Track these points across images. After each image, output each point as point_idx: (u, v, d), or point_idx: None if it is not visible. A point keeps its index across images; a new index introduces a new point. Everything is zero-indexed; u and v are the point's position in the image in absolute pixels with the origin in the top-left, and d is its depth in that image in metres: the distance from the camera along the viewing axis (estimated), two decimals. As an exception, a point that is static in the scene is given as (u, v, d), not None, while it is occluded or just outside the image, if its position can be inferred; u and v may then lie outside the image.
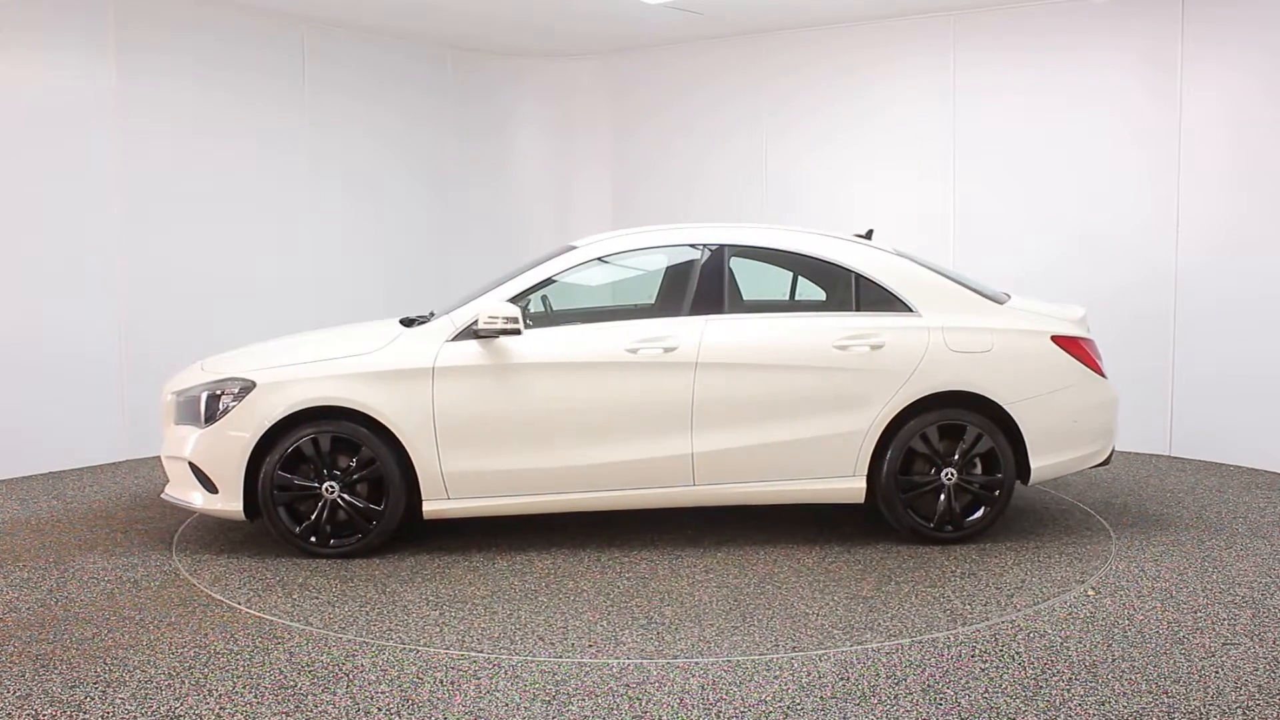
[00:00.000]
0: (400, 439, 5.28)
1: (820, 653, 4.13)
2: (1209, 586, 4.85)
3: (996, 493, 5.46)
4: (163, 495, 5.65)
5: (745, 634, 4.34)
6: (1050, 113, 7.80)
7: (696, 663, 4.05)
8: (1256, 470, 7.07)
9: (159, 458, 7.55)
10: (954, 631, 4.34)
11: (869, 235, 6.05)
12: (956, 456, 5.41)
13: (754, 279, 5.91)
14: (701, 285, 5.55)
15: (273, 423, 5.26)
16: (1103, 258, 7.64)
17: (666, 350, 5.35)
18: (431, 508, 5.38)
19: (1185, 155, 7.31)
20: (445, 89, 9.68)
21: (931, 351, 5.41)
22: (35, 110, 7.08)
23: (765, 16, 8.46)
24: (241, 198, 8.19)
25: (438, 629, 4.42)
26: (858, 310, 5.57)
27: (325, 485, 5.31)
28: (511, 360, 5.34)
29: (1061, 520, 5.94)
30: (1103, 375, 5.62)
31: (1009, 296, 5.87)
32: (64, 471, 7.26)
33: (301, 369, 5.35)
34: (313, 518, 5.32)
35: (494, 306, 5.31)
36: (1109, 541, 5.55)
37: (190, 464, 5.40)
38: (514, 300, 5.43)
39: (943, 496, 5.44)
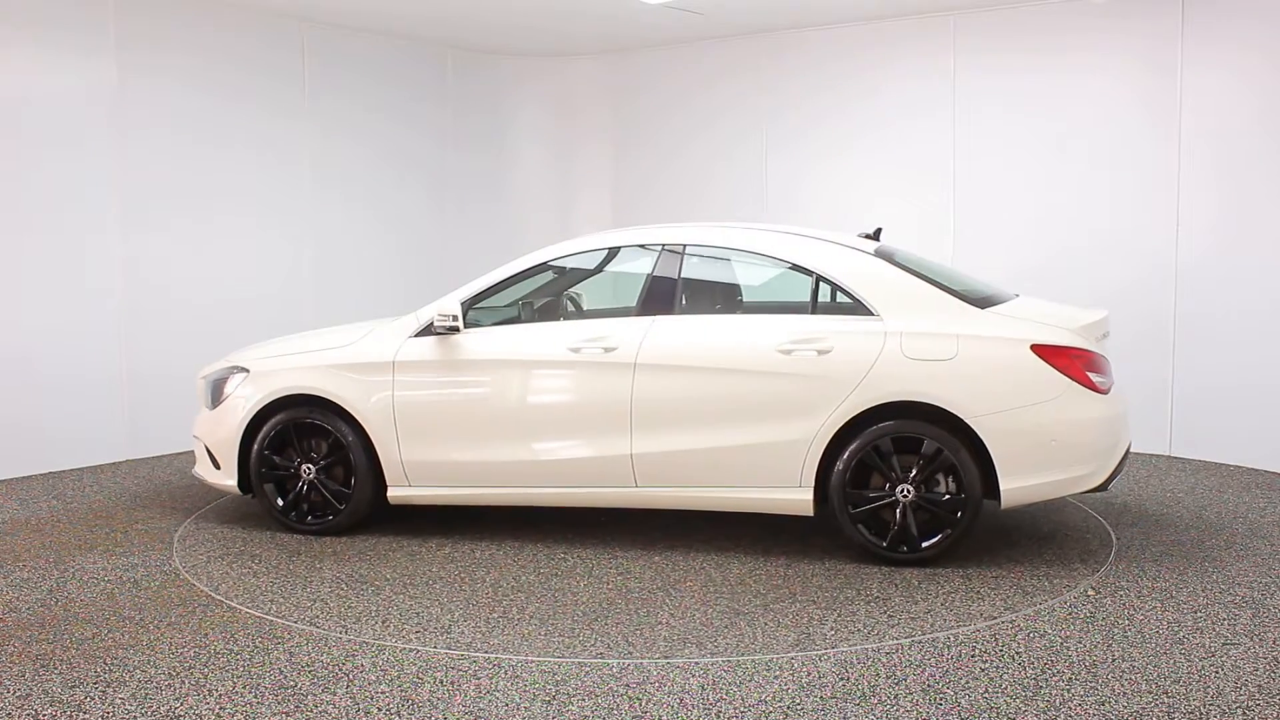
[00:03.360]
0: (365, 427, 5.60)
1: (820, 653, 4.14)
2: (1209, 586, 4.85)
3: (959, 514, 5.03)
4: (191, 472, 6.20)
5: (561, 635, 4.34)
6: (1050, 112, 7.79)
7: (696, 663, 4.05)
8: (1256, 470, 7.07)
9: (160, 457, 7.66)
10: (954, 631, 4.34)
11: (877, 235, 5.97)
12: (914, 472, 5.03)
13: (737, 280, 5.85)
14: (654, 286, 5.50)
15: (258, 408, 5.70)
16: (1103, 257, 7.64)
17: (606, 350, 5.34)
18: (395, 494, 5.68)
19: (1185, 156, 7.30)
20: (445, 89, 9.68)
21: (885, 358, 5.04)
22: (36, 110, 7.07)
23: (766, 17, 8.45)
24: (241, 197, 8.18)
25: (310, 605, 4.44)
26: (814, 313, 5.30)
27: (303, 467, 5.70)
28: (462, 356, 5.54)
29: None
30: (1097, 390, 5.04)
31: (1016, 296, 5.62)
32: (64, 471, 7.26)
33: (286, 360, 5.81)
34: (290, 496, 5.75)
35: (446, 305, 5.55)
36: (1109, 541, 5.55)
37: (204, 443, 5.97)
38: (476, 299, 5.62)
39: (897, 514, 5.07)
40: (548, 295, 5.97)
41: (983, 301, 5.32)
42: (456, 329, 5.50)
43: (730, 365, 5.23)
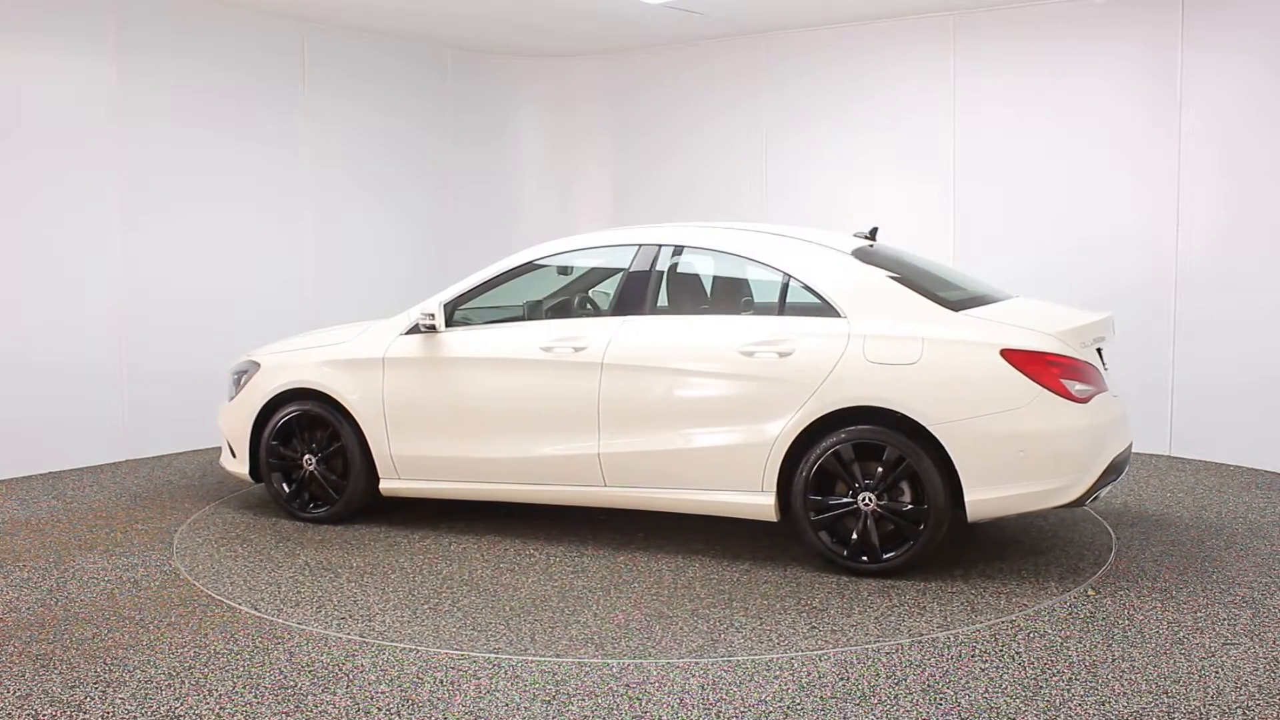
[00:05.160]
0: (359, 421, 5.80)
1: (820, 653, 4.14)
2: (1209, 586, 4.85)
3: (922, 525, 4.82)
4: (218, 461, 6.59)
5: (474, 629, 4.40)
6: (1050, 112, 7.79)
7: (697, 663, 4.05)
8: (1256, 470, 7.07)
9: (160, 457, 7.67)
10: (954, 631, 4.34)
11: (873, 234, 5.93)
12: (875, 480, 4.86)
13: (710, 280, 5.83)
14: (627, 286, 5.51)
15: (265, 401, 5.98)
16: (1103, 258, 7.64)
17: (576, 350, 5.38)
18: (386, 486, 5.86)
19: (1185, 155, 7.30)
20: (445, 89, 9.68)
21: (846, 361, 4.87)
22: (37, 111, 7.07)
23: (766, 16, 8.46)
24: (241, 195, 8.18)
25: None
26: (782, 314, 5.17)
27: (305, 458, 5.96)
28: (443, 354, 5.68)
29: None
30: (1072, 398, 4.74)
31: (1013, 297, 5.52)
32: (64, 471, 7.26)
33: (293, 355, 6.06)
34: (295, 485, 6.00)
35: (428, 305, 5.72)
36: (1109, 541, 5.55)
37: (224, 433, 6.29)
38: (460, 299, 5.74)
39: (858, 523, 4.89)
40: (533, 295, 6.01)
41: (972, 302, 5.14)
42: (434, 328, 5.66)
43: (694, 366, 5.20)
